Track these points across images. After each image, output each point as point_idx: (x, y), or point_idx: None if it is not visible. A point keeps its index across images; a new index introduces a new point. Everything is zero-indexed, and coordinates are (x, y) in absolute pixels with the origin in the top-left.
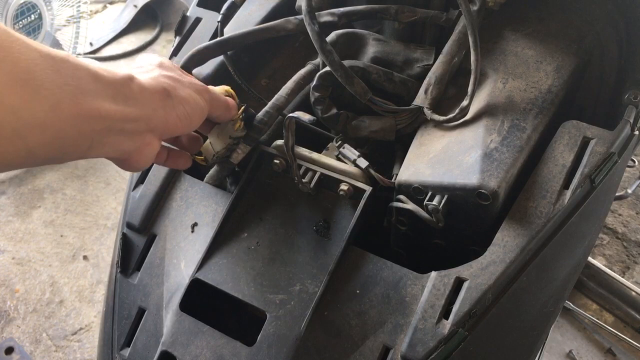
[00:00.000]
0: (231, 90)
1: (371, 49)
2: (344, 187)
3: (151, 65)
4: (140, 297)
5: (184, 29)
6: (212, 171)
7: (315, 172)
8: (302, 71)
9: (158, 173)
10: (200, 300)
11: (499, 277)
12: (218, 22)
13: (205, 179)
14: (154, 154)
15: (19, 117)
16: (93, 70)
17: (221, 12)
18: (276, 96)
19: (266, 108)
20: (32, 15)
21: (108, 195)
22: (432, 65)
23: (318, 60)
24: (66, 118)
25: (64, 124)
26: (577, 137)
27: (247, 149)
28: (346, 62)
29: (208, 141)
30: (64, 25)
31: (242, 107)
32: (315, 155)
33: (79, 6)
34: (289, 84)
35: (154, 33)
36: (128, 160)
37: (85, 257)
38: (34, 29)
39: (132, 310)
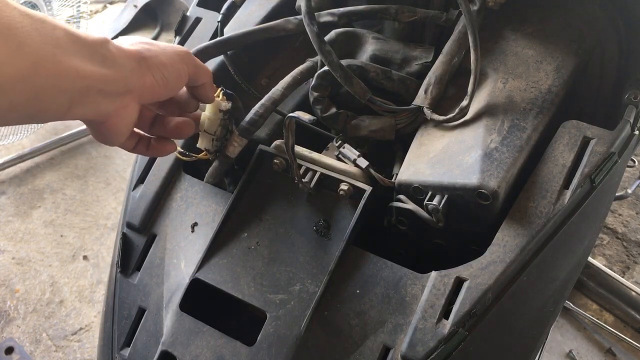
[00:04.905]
0: None
1: (370, 47)
2: (344, 187)
3: (128, 37)
4: (140, 297)
5: (184, 29)
6: (211, 169)
7: (315, 172)
8: (300, 67)
9: (158, 173)
10: (200, 300)
11: (499, 277)
12: (218, 22)
13: (205, 178)
14: (132, 119)
15: (3, 72)
16: (70, 31)
17: (221, 12)
18: (272, 90)
19: (262, 101)
20: None
21: (108, 195)
22: (430, 63)
23: (317, 57)
24: (47, 75)
25: (44, 80)
26: (577, 137)
27: (243, 142)
28: (344, 61)
29: (202, 130)
30: None
31: (219, 88)
32: (315, 155)
33: (79, 6)
34: (286, 78)
35: (154, 33)
36: (106, 124)
37: (85, 257)
38: None
39: (132, 310)
